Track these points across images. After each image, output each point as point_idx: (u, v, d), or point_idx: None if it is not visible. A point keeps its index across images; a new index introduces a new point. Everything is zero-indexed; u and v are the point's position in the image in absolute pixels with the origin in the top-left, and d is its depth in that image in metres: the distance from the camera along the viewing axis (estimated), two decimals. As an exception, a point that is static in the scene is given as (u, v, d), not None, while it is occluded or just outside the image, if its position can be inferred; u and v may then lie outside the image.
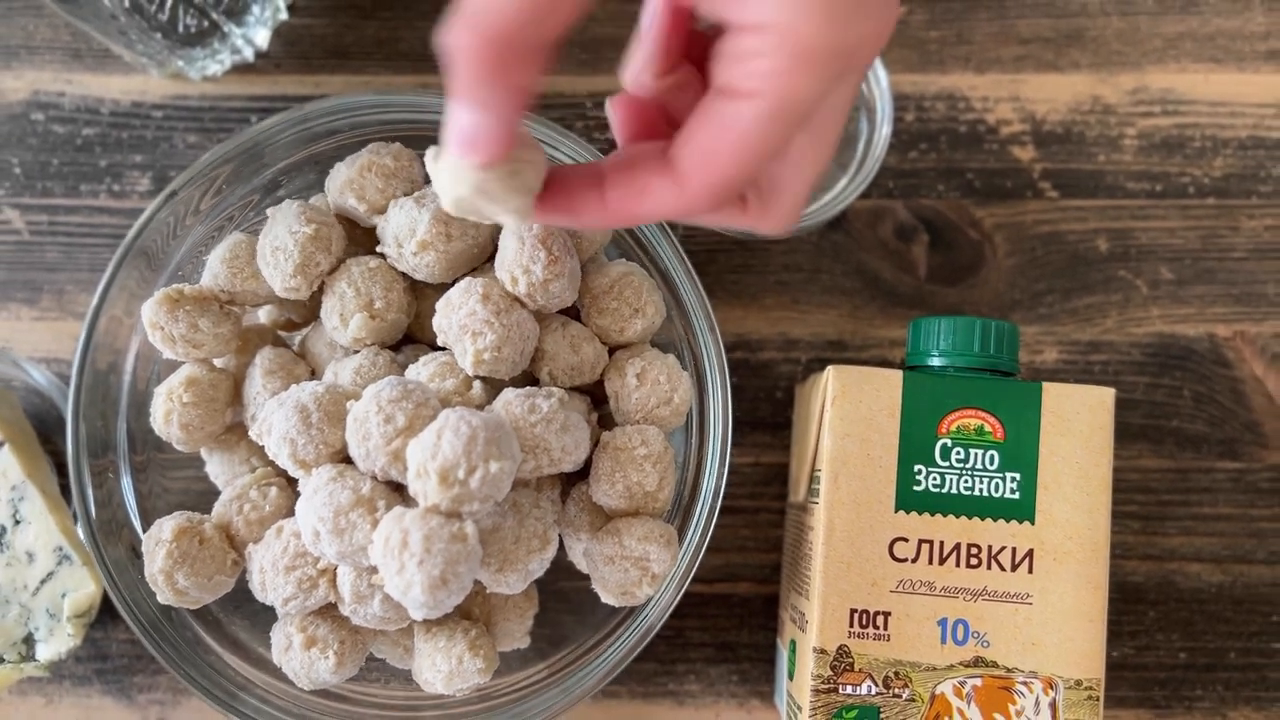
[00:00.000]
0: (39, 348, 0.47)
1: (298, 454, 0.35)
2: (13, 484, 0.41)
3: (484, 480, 0.32)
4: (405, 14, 0.48)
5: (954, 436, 0.37)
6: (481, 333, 0.36)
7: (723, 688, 0.45)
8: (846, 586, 0.37)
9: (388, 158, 0.39)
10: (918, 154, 0.47)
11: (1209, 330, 0.47)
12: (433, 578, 0.32)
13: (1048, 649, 0.36)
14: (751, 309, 0.47)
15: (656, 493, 0.38)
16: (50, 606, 0.41)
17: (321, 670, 0.37)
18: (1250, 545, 0.46)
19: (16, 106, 0.48)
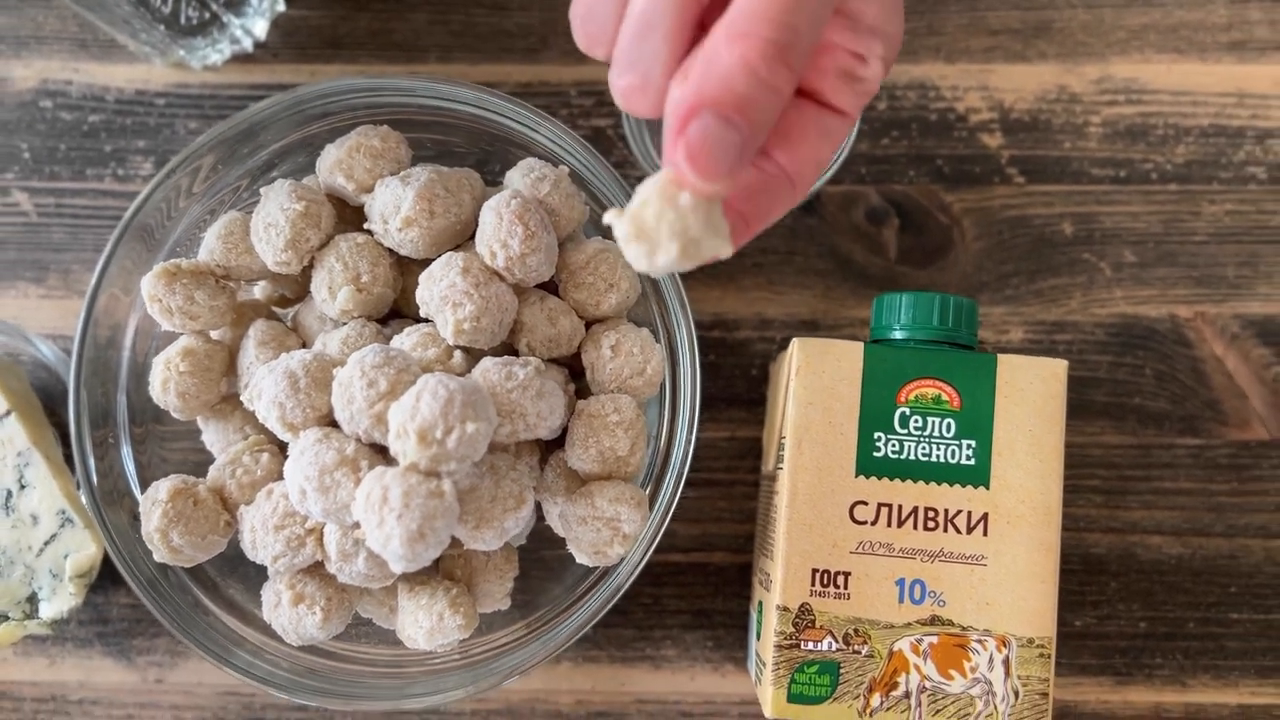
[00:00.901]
0: (45, 324, 0.49)
1: (286, 417, 0.37)
2: (18, 450, 0.43)
3: (460, 440, 0.34)
4: (396, 7, 0.50)
5: (912, 405, 0.39)
6: (461, 304, 0.38)
7: (698, 653, 0.47)
8: (808, 547, 0.38)
9: (375, 139, 0.41)
10: (889, 141, 0.49)
11: (1170, 311, 0.48)
12: (410, 531, 0.33)
13: (1001, 608, 0.38)
14: (729, 289, 0.49)
15: (628, 457, 0.40)
16: (53, 567, 0.43)
17: (309, 626, 0.39)
18: (1209, 519, 0.47)
19: (26, 94, 0.50)
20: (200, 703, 0.47)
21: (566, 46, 0.50)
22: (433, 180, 0.39)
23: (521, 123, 0.41)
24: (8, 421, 0.44)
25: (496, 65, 0.50)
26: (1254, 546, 0.47)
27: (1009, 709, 0.37)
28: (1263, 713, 0.46)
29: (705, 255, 0.27)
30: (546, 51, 0.50)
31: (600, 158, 0.40)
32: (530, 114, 0.41)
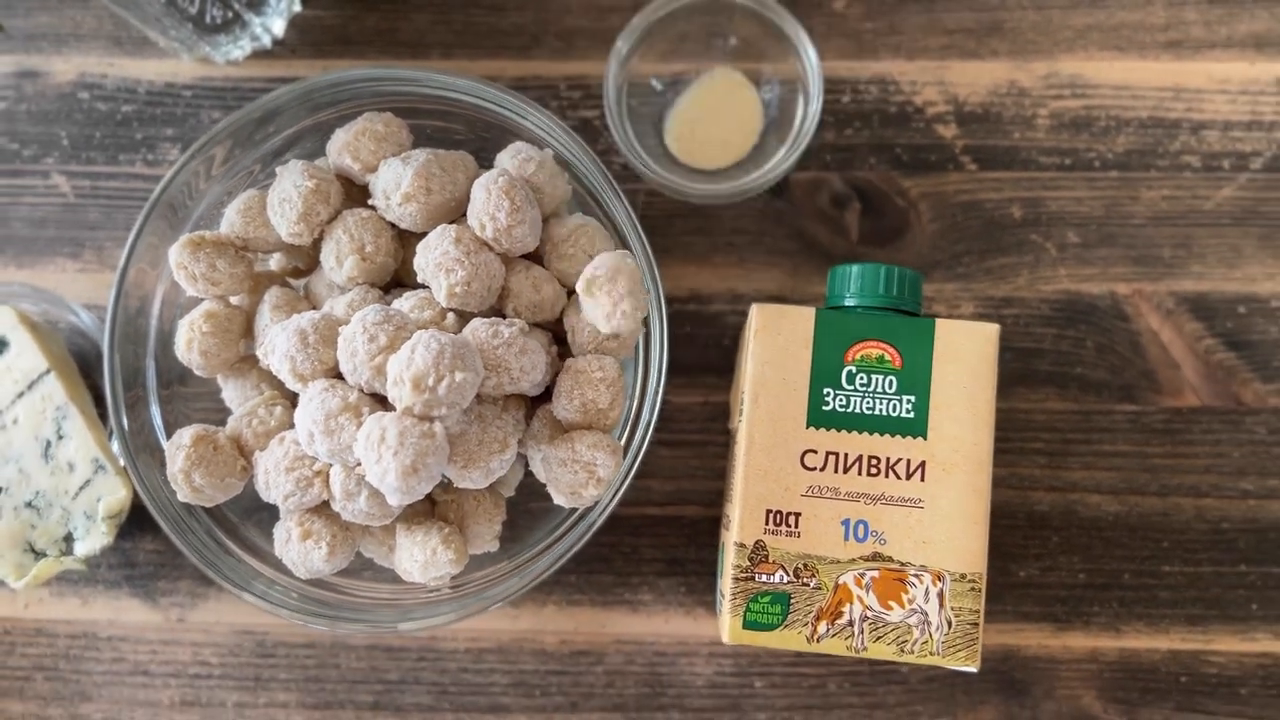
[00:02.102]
0: (81, 295, 0.54)
1: (297, 369, 0.41)
2: (57, 405, 0.48)
3: (450, 388, 0.38)
4: (403, 8, 0.55)
5: (858, 364, 0.43)
6: (453, 270, 0.42)
7: (672, 598, 0.51)
8: (763, 490, 0.42)
9: (379, 124, 0.45)
10: (852, 131, 0.53)
11: (1110, 288, 0.52)
12: (404, 466, 0.38)
13: (936, 546, 0.42)
14: (704, 267, 0.53)
15: (608, 410, 0.44)
16: (87, 509, 0.48)
17: (315, 559, 0.44)
18: (1144, 479, 0.51)
19: (65, 86, 0.55)
20: (218, 640, 0.52)
21: (556, 45, 0.54)
22: (430, 161, 0.44)
23: (512, 110, 0.46)
24: (48, 379, 0.48)
25: (493, 61, 0.54)
26: (1185, 505, 0.51)
27: (942, 637, 0.42)
28: (1191, 657, 0.50)
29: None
30: (538, 49, 0.54)
31: (582, 143, 0.45)
32: (520, 102, 0.45)
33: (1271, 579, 0.50)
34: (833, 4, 0.54)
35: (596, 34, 0.54)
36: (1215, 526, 0.51)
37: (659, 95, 0.53)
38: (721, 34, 0.52)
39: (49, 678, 0.52)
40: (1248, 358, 0.51)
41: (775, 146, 0.51)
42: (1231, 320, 0.51)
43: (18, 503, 0.48)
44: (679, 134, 0.53)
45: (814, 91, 0.50)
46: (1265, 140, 0.52)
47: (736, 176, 0.52)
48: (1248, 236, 0.52)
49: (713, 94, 0.53)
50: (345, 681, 0.51)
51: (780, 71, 0.52)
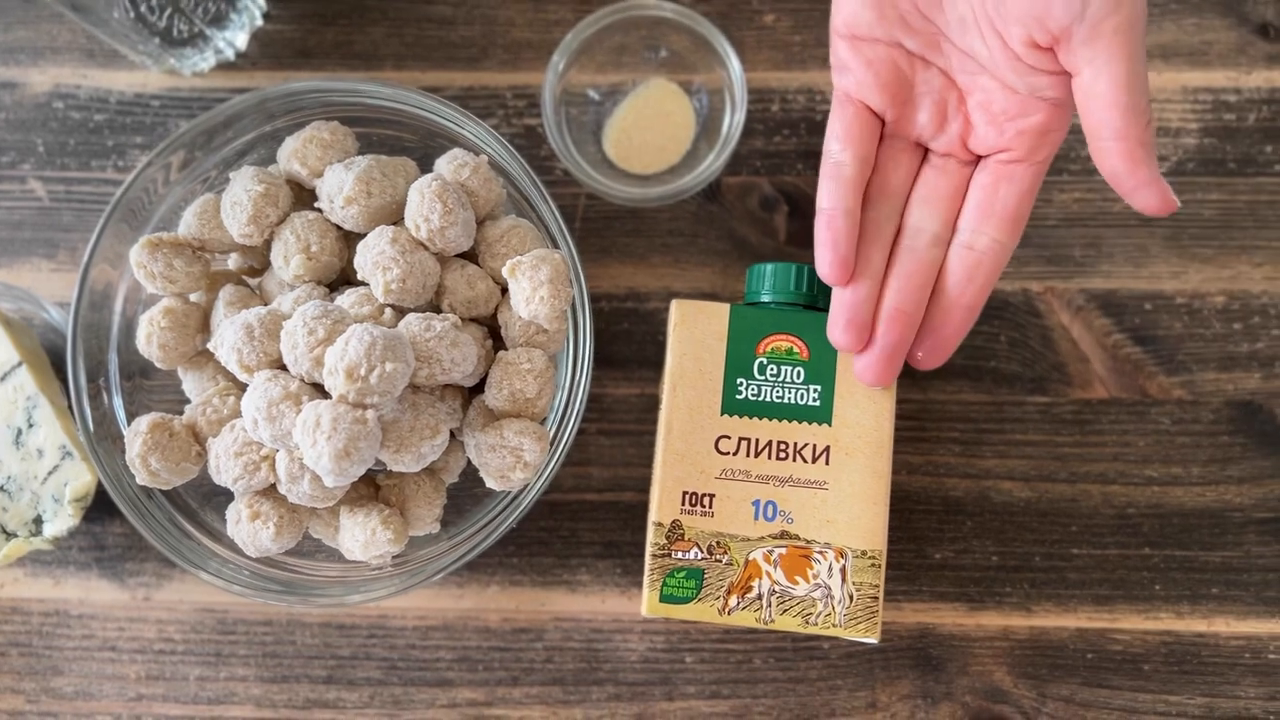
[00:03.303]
0: (55, 293, 0.57)
1: (243, 360, 0.45)
2: (28, 395, 0.51)
3: (381, 377, 0.41)
4: (359, 22, 0.58)
5: (769, 356, 0.46)
6: (389, 268, 0.45)
7: (609, 579, 0.54)
8: (680, 473, 0.45)
9: (325, 132, 0.49)
10: (781, 138, 0.56)
11: (1024, 286, 0.55)
12: (337, 450, 0.41)
13: (840, 525, 0.45)
14: (641, 267, 0.56)
15: (535, 399, 0.47)
16: (55, 493, 0.51)
17: (264, 539, 0.47)
18: (1054, 467, 0.54)
19: (41, 96, 0.58)
20: (181, 618, 0.55)
21: (503, 56, 0.57)
22: (371, 166, 0.47)
23: (450, 120, 0.49)
24: (19, 371, 0.52)
25: (443, 72, 0.57)
26: (1093, 491, 0.54)
27: (844, 610, 0.44)
28: (1098, 635, 0.53)
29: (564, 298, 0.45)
30: (486, 60, 0.57)
31: (514, 151, 0.48)
32: (456, 113, 0.48)
33: (1174, 561, 0.53)
34: (763, 18, 0.57)
35: (541, 46, 0.57)
36: (1121, 512, 0.53)
37: (597, 104, 0.56)
38: (654, 47, 0.56)
39: (23, 653, 0.55)
40: (1153, 352, 0.54)
41: (706, 152, 0.54)
42: (1138, 316, 0.54)
43: (-10, 487, 0.51)
44: (616, 140, 0.56)
45: (739, 100, 0.53)
46: (1172, 145, 0.55)
47: (670, 181, 0.55)
48: (1154, 237, 0.55)
49: (648, 103, 0.56)
50: (301, 657, 0.54)
51: (709, 81, 0.55)
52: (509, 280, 0.46)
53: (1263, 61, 0.56)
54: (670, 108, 0.56)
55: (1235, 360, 0.54)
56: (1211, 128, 0.55)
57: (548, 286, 0.45)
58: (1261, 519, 0.53)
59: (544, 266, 0.46)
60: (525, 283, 0.46)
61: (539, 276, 0.45)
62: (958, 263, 0.43)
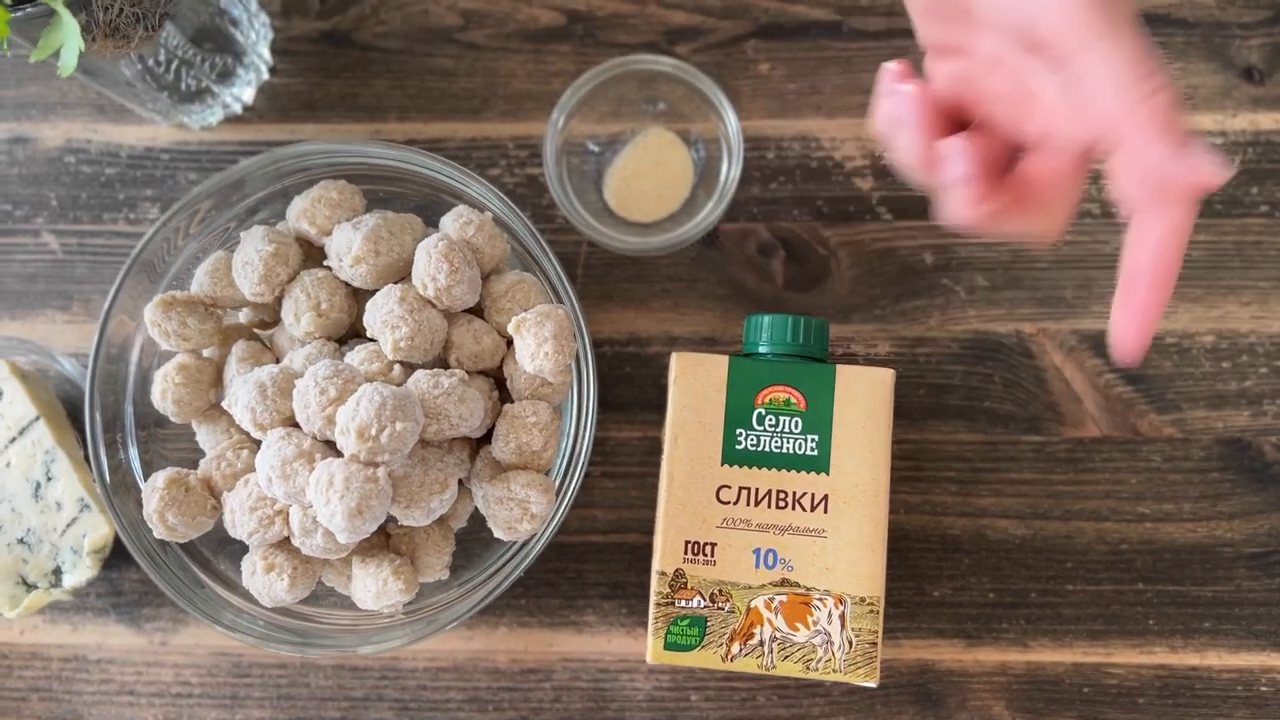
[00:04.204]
0: (69, 345, 0.58)
1: (257, 419, 0.46)
2: (45, 449, 0.53)
3: (392, 436, 0.43)
4: (363, 75, 0.59)
5: (767, 407, 0.47)
6: (398, 326, 0.47)
7: (614, 619, 0.56)
8: (683, 523, 0.47)
9: (333, 191, 0.50)
10: (777, 185, 0.57)
11: (1016, 327, 0.56)
12: (350, 509, 0.42)
13: (838, 573, 0.46)
14: (641, 312, 0.57)
15: (541, 452, 0.48)
16: (74, 545, 0.52)
17: (278, 590, 0.48)
18: (1049, 505, 0.55)
19: (53, 151, 0.60)
20: (198, 662, 0.56)
21: (505, 107, 0.59)
22: (378, 225, 0.48)
23: (454, 179, 0.50)
24: (37, 425, 0.53)
25: (446, 123, 0.59)
26: (1087, 529, 0.55)
27: (844, 655, 0.46)
28: (1093, 669, 0.54)
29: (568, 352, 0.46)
30: (488, 112, 0.59)
31: (516, 209, 0.49)
32: (460, 172, 0.50)
33: (1166, 596, 0.54)
34: (758, 67, 0.58)
35: (542, 97, 0.59)
36: (1114, 548, 0.55)
37: (597, 155, 0.58)
38: (652, 99, 0.57)
39: (43, 698, 0.56)
40: (1144, 391, 0.55)
41: (704, 200, 0.56)
42: (1128, 356, 0.55)
43: (10, 539, 0.52)
44: (616, 189, 0.57)
45: (736, 153, 0.54)
46: (1159, 188, 0.56)
47: (669, 229, 0.56)
48: (1143, 278, 0.56)
49: (646, 152, 0.57)
50: (315, 699, 0.55)
51: (706, 131, 0.56)
52: (514, 336, 0.47)
53: (1248, 104, 0.57)
54: (669, 157, 0.57)
55: (1224, 398, 0.55)
56: (1198, 170, 0.56)
57: (552, 342, 0.47)
58: (1252, 554, 0.54)
59: (548, 323, 0.47)
60: (530, 339, 0.47)
61: (543, 333, 0.47)
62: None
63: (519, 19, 0.59)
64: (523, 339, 0.47)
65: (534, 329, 0.47)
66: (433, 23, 0.59)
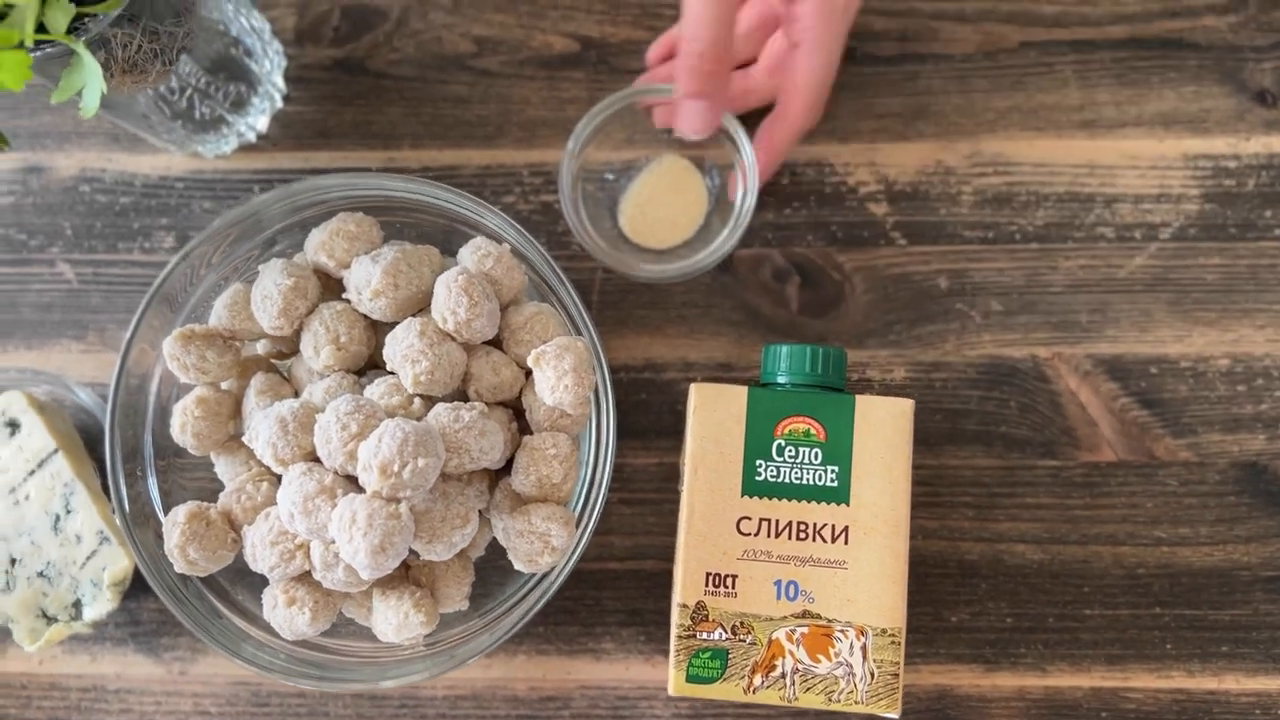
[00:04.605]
0: (85, 374, 0.58)
1: (278, 454, 0.46)
2: (64, 482, 0.53)
3: (414, 472, 0.43)
4: (376, 102, 0.59)
5: (787, 438, 0.47)
6: (418, 360, 0.47)
7: (632, 646, 0.56)
8: (703, 555, 0.47)
9: (351, 224, 0.50)
10: (791, 210, 0.58)
11: (1031, 352, 0.56)
12: (373, 546, 0.42)
13: (860, 604, 0.46)
14: (657, 338, 0.57)
15: (561, 484, 0.48)
16: (94, 577, 0.52)
17: (300, 623, 0.48)
18: (1065, 529, 0.55)
19: (68, 180, 0.60)
20: (216, 691, 0.56)
21: (519, 135, 0.59)
22: (397, 258, 0.48)
23: (471, 211, 0.50)
24: (56, 458, 0.53)
25: (460, 150, 0.59)
26: (1104, 553, 0.55)
27: (866, 687, 0.46)
28: (1111, 694, 0.54)
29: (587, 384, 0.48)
30: (502, 139, 0.59)
31: (534, 240, 0.49)
32: (477, 205, 0.50)
33: (1184, 620, 0.54)
34: (772, 93, 0.58)
35: (556, 124, 0.59)
36: (1131, 572, 0.55)
37: (612, 182, 0.58)
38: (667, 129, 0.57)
39: (62, 728, 0.56)
40: (1159, 415, 0.55)
41: (719, 227, 0.56)
42: (1144, 380, 0.56)
43: (30, 573, 0.52)
44: (631, 216, 0.57)
45: (750, 177, 0.54)
46: (1174, 211, 0.57)
47: (684, 256, 0.56)
48: (1158, 302, 0.56)
49: (661, 179, 0.57)
50: (333, 728, 0.56)
51: (720, 157, 0.56)
52: (534, 369, 0.48)
53: (1261, 127, 0.57)
54: (684, 184, 0.57)
55: (1240, 422, 0.55)
56: (1212, 193, 0.57)
57: (571, 375, 0.47)
58: (1268, 577, 0.54)
59: (567, 355, 0.47)
60: (550, 372, 0.47)
61: (563, 365, 0.47)
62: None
63: (532, 46, 0.59)
64: (542, 372, 0.47)
65: (554, 362, 0.47)
66: (446, 50, 0.59)
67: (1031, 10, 0.58)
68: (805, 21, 0.47)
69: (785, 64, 0.50)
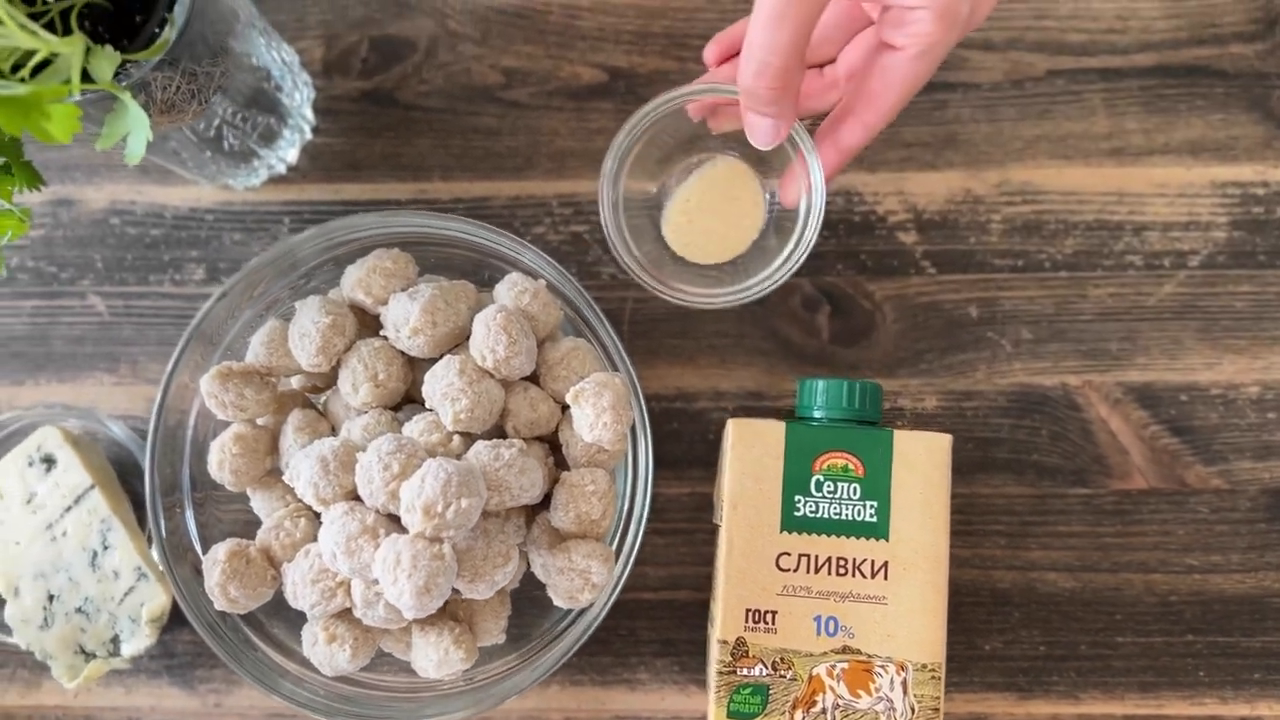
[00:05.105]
0: (117, 407, 0.59)
1: (320, 494, 0.46)
2: (102, 518, 0.53)
3: (457, 513, 0.43)
4: (405, 134, 0.60)
5: (825, 473, 0.47)
6: (458, 399, 0.47)
7: (667, 676, 0.56)
8: (743, 591, 0.47)
9: (388, 261, 0.50)
10: (820, 240, 0.57)
11: (1062, 380, 0.57)
12: (418, 587, 0.42)
13: (900, 639, 0.46)
14: (688, 367, 0.58)
15: (600, 520, 0.48)
16: (131, 614, 0.53)
17: (340, 660, 0.48)
18: (1097, 557, 0.55)
19: (98, 213, 0.60)
20: (251, 723, 0.56)
21: (548, 165, 0.59)
22: (434, 296, 0.49)
23: (507, 247, 0.51)
24: (92, 494, 0.53)
25: (490, 182, 0.59)
26: (1135, 581, 0.55)
27: (907, 721, 0.46)
28: (1144, 721, 0.54)
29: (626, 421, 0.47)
30: (531, 170, 0.59)
31: (566, 273, 0.49)
32: (513, 241, 0.50)
33: (1217, 647, 0.54)
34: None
35: (585, 154, 0.59)
36: (1164, 600, 0.55)
37: (653, 201, 0.55)
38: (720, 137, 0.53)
39: (97, 761, 0.56)
40: (1190, 442, 0.56)
41: (775, 247, 0.52)
42: (1174, 408, 0.56)
43: (69, 609, 0.52)
44: (676, 225, 0.54)
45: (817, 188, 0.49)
46: (1202, 239, 0.57)
47: (734, 280, 0.52)
48: (1187, 330, 0.56)
49: (714, 183, 0.54)
50: (368, 759, 0.56)
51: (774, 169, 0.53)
52: (572, 406, 0.48)
53: (1288, 154, 0.57)
54: (739, 191, 0.54)
55: (1271, 449, 0.55)
56: (1241, 221, 0.57)
57: (610, 412, 0.47)
58: (1300, 604, 0.55)
59: (606, 393, 0.47)
60: (589, 409, 0.47)
61: (602, 403, 0.47)
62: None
63: (561, 76, 0.59)
64: (581, 409, 0.47)
65: (592, 399, 0.47)
66: (475, 81, 0.60)
67: (1059, 39, 0.58)
68: (922, 27, 0.42)
69: (874, 66, 0.45)
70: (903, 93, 0.46)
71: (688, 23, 0.59)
